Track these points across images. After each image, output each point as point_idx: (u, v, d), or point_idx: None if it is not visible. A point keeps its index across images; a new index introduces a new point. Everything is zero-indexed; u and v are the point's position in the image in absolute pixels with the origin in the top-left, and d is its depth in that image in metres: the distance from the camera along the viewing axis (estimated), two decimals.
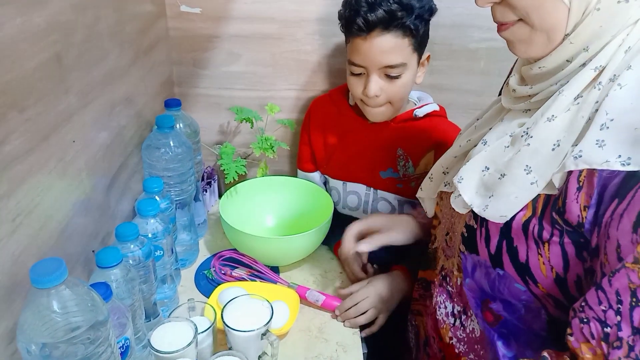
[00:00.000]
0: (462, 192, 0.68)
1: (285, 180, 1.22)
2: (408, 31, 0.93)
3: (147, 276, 0.79)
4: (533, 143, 0.61)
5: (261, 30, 1.18)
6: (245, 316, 0.81)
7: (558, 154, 0.58)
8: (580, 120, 0.57)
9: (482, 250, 0.68)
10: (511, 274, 0.64)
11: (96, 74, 0.84)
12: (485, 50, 1.19)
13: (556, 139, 0.59)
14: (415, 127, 1.07)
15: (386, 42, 0.93)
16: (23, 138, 0.63)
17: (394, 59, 0.95)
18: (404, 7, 0.91)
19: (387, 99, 1.00)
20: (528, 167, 0.61)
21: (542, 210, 0.60)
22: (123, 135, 0.97)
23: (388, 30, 0.92)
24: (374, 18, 0.91)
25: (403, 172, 1.08)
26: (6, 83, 0.59)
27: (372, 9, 0.91)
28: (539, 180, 0.60)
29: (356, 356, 0.89)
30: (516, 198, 0.61)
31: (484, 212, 0.65)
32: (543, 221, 0.60)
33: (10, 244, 0.61)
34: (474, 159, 0.68)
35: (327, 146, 1.16)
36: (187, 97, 1.26)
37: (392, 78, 0.97)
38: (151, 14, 1.09)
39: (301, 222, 1.14)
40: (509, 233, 0.63)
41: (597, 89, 0.57)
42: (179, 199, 1.02)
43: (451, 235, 0.77)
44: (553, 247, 0.60)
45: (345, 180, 1.14)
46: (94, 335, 0.55)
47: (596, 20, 0.56)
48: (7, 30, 0.59)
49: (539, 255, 0.61)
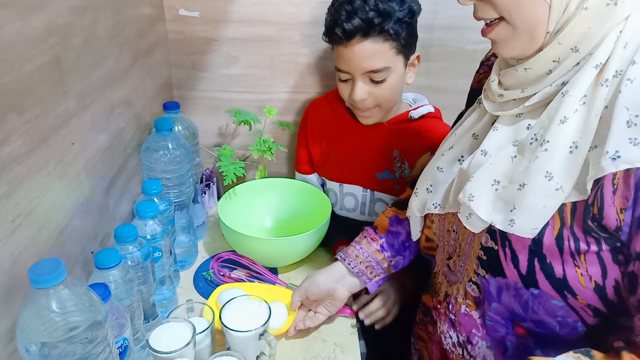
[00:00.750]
0: (476, 211, 0.63)
1: (283, 182, 1.23)
2: (388, 36, 0.94)
3: (146, 277, 0.80)
4: (550, 148, 0.58)
5: (259, 33, 1.19)
6: (243, 317, 0.81)
7: (576, 157, 0.57)
8: (594, 119, 0.56)
9: (510, 272, 0.64)
10: (547, 291, 0.62)
11: (95, 76, 0.84)
12: (481, 52, 1.18)
13: (572, 140, 0.57)
14: (411, 128, 1.07)
15: (366, 48, 0.94)
16: (22, 140, 0.63)
17: (376, 63, 0.95)
18: (381, 13, 0.91)
19: (375, 103, 1.01)
20: (549, 174, 0.58)
21: (572, 220, 0.58)
22: (122, 137, 0.97)
23: (367, 37, 0.93)
24: (351, 27, 0.92)
25: (399, 174, 1.09)
26: (5, 85, 0.60)
27: (350, 18, 0.92)
28: (563, 186, 0.57)
29: (354, 356, 0.89)
30: (544, 207, 0.58)
31: (511, 227, 0.60)
32: (575, 231, 0.58)
33: (9, 245, 0.62)
34: (478, 172, 0.65)
35: (323, 148, 1.16)
36: (186, 100, 1.27)
37: (377, 82, 0.98)
38: (150, 17, 1.10)
39: (299, 223, 1.15)
40: (539, 250, 0.60)
41: (604, 86, 0.56)
42: (178, 200, 1.02)
43: (455, 259, 0.74)
44: (590, 257, 0.58)
45: (342, 182, 1.15)
46: (93, 335, 0.55)
47: (585, 20, 0.56)
48: (6, 33, 0.59)
49: (577, 267, 0.59)
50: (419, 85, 1.22)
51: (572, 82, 0.58)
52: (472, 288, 0.71)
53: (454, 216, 0.73)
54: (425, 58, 1.21)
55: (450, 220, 0.75)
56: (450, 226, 0.75)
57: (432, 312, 0.82)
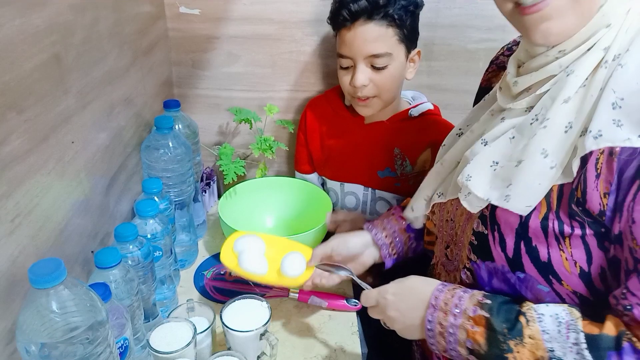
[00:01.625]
0: (473, 189, 0.64)
1: (284, 180, 1.22)
2: (392, 21, 0.95)
3: (146, 277, 0.79)
4: (549, 125, 0.59)
5: (260, 31, 1.18)
6: (244, 316, 0.81)
7: (569, 136, 0.57)
8: (589, 99, 0.56)
9: (497, 256, 0.65)
10: (533, 275, 0.62)
11: (95, 74, 0.84)
12: (483, 51, 1.19)
13: (568, 120, 0.58)
14: (411, 126, 1.08)
15: (370, 31, 0.95)
16: (22, 139, 0.63)
17: (379, 47, 0.96)
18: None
19: (375, 92, 1.01)
20: (544, 151, 0.58)
21: (558, 204, 0.59)
22: (122, 136, 0.97)
23: (372, 19, 0.95)
24: (357, 8, 0.94)
25: (401, 171, 1.09)
26: (5, 84, 0.59)
27: (355, 1, 0.94)
28: (557, 165, 0.58)
29: (355, 356, 0.89)
30: (539, 185, 0.59)
31: (507, 203, 0.61)
32: (560, 215, 0.59)
33: (9, 245, 0.61)
34: (478, 156, 0.66)
35: (323, 147, 1.16)
36: (186, 98, 1.26)
37: (378, 69, 0.99)
38: (150, 15, 1.10)
39: (300, 222, 1.15)
40: (525, 233, 0.61)
41: (603, 67, 0.57)
42: (178, 199, 1.02)
43: (452, 247, 0.75)
44: (575, 241, 0.59)
45: (342, 181, 1.15)
46: (93, 336, 0.55)
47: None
48: (6, 31, 0.59)
49: (561, 251, 0.60)
50: (420, 83, 1.21)
51: (579, 62, 0.58)
52: (466, 275, 0.72)
53: (452, 205, 0.75)
54: (427, 57, 1.21)
55: (448, 210, 0.76)
56: (449, 215, 0.76)
57: None
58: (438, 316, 0.66)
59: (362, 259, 0.90)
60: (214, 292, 1.01)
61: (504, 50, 0.84)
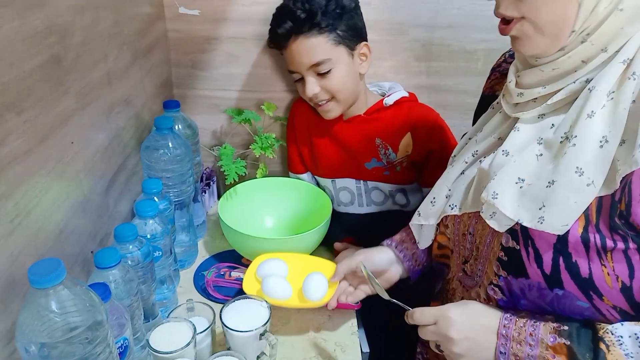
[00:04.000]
0: (501, 208, 0.62)
1: (283, 181, 1.22)
2: (321, 29, 0.99)
3: (146, 277, 0.79)
4: (579, 143, 0.58)
5: (259, 32, 1.18)
6: (244, 316, 0.81)
7: (607, 151, 0.56)
8: (622, 112, 0.56)
9: (533, 272, 0.62)
10: (572, 292, 0.60)
11: (95, 75, 0.84)
12: (482, 51, 1.19)
13: (601, 135, 0.57)
14: (388, 115, 1.10)
15: (302, 45, 1.01)
16: (21, 139, 0.63)
17: (315, 57, 1.01)
18: (306, 10, 0.98)
19: (329, 95, 1.05)
20: (579, 169, 0.57)
21: (597, 217, 0.57)
22: (122, 136, 0.97)
23: (300, 34, 1.00)
24: (283, 30, 1.01)
25: (386, 160, 1.11)
26: (4, 85, 0.59)
27: (280, 23, 1.01)
28: (595, 181, 0.56)
29: (354, 356, 0.89)
30: (575, 203, 0.57)
31: (541, 224, 0.59)
32: (601, 228, 0.57)
33: (8, 245, 0.61)
34: (502, 171, 0.64)
35: (311, 146, 1.17)
36: (186, 99, 1.26)
37: (323, 75, 1.02)
38: (149, 15, 1.10)
39: (300, 222, 1.15)
40: (565, 249, 0.59)
41: (631, 79, 0.56)
42: (178, 200, 1.02)
43: (472, 263, 0.73)
44: (617, 255, 0.57)
45: (333, 177, 1.16)
46: (93, 335, 0.55)
47: (619, 21, 0.56)
48: (5, 32, 0.59)
49: (603, 266, 0.58)
50: (420, 84, 1.22)
51: (598, 77, 0.58)
52: (494, 291, 0.69)
53: (470, 218, 0.72)
54: (426, 57, 1.21)
55: (465, 223, 0.73)
56: (466, 229, 0.73)
57: None
58: (512, 347, 0.63)
59: (388, 276, 0.88)
60: (214, 292, 1.01)
61: (506, 57, 0.84)
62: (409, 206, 1.15)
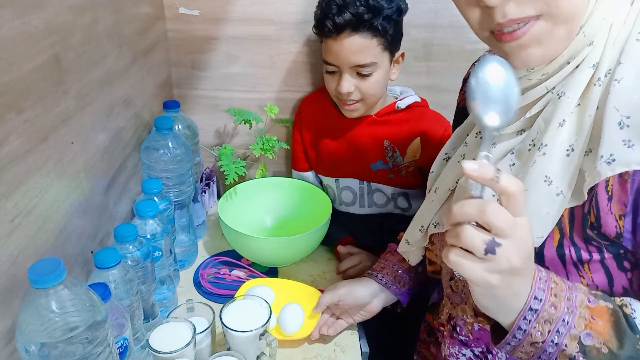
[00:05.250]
0: None
1: (283, 181, 1.22)
2: (377, 32, 0.96)
3: (146, 277, 0.79)
4: (548, 151, 0.55)
5: (259, 32, 1.19)
6: (243, 316, 0.81)
7: (572, 159, 0.54)
8: (587, 119, 0.54)
9: None
10: None
11: (95, 75, 0.84)
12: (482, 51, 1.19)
13: (568, 143, 0.55)
14: (399, 118, 1.10)
15: (355, 43, 0.97)
16: (21, 139, 0.63)
17: (364, 58, 0.98)
18: (371, 9, 0.94)
19: (360, 96, 1.04)
20: (548, 178, 0.55)
21: (571, 229, 0.56)
22: (122, 136, 0.97)
23: (357, 32, 0.96)
24: (342, 21, 0.95)
25: (392, 163, 1.11)
26: (4, 85, 0.59)
27: (341, 12, 0.95)
28: (563, 191, 0.54)
29: (354, 356, 0.89)
30: (547, 214, 0.55)
31: None
32: (576, 240, 0.56)
33: (8, 245, 0.61)
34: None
35: (317, 144, 1.17)
36: (186, 99, 1.27)
37: (363, 76, 1.01)
38: (149, 15, 1.10)
39: (300, 222, 1.15)
40: (541, 264, 0.57)
41: (597, 85, 0.54)
42: (178, 200, 1.02)
43: (457, 280, 0.72)
44: (594, 266, 0.56)
45: (337, 176, 1.16)
46: (92, 335, 0.55)
47: (602, 10, 0.53)
48: (5, 32, 0.59)
49: (581, 277, 0.57)
50: (419, 84, 1.22)
51: (567, 82, 0.56)
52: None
53: None
54: (426, 57, 1.21)
55: None
56: None
57: (437, 333, 0.80)
58: (548, 298, 0.51)
59: (370, 307, 0.89)
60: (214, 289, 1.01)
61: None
62: (410, 210, 1.15)
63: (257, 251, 1.04)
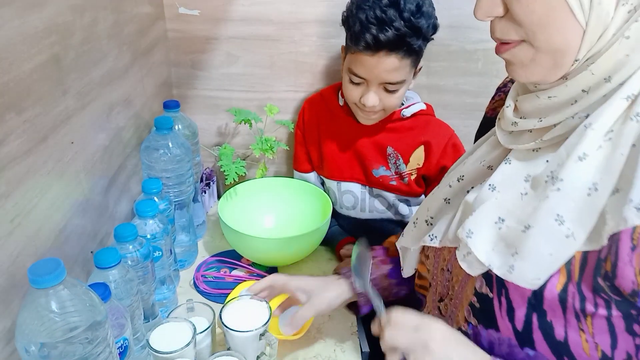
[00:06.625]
0: (474, 249, 0.56)
1: (284, 181, 1.22)
2: (412, 52, 0.95)
3: (146, 277, 0.79)
4: (564, 187, 0.51)
5: (259, 32, 1.19)
6: (243, 316, 0.81)
7: (595, 200, 0.49)
8: (619, 158, 0.48)
9: (504, 326, 0.57)
10: (545, 354, 0.55)
11: (94, 75, 0.84)
12: (482, 52, 1.19)
13: (591, 182, 0.49)
14: (404, 126, 1.09)
15: (391, 63, 0.94)
16: (21, 139, 0.63)
17: (396, 77, 0.97)
18: (414, 29, 0.91)
19: (382, 107, 1.03)
20: (560, 217, 0.50)
21: (580, 274, 0.51)
22: (121, 136, 0.97)
23: (394, 51, 0.93)
24: (384, 38, 0.91)
25: (395, 169, 1.10)
26: (4, 85, 0.59)
27: (382, 29, 0.90)
28: (575, 233, 0.49)
29: (354, 356, 0.89)
30: (551, 256, 0.50)
31: (510, 274, 0.53)
32: (583, 288, 0.51)
33: (8, 245, 0.61)
34: (482, 207, 0.57)
35: (320, 146, 1.17)
36: (186, 99, 1.27)
37: (390, 91, 1.00)
38: (149, 15, 1.10)
39: (300, 222, 1.15)
40: (539, 305, 0.53)
41: (634, 120, 0.49)
42: (178, 200, 1.02)
43: (447, 303, 0.67)
44: (598, 321, 0.51)
45: (339, 180, 1.16)
46: (92, 335, 0.55)
47: (624, 49, 0.49)
48: (4, 32, 0.59)
49: (581, 331, 0.52)
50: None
51: (597, 113, 0.51)
52: None
53: (450, 253, 0.66)
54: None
55: (445, 258, 0.67)
56: (445, 264, 0.67)
57: None
58: None
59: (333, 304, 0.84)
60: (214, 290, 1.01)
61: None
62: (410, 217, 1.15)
63: (257, 251, 1.04)
